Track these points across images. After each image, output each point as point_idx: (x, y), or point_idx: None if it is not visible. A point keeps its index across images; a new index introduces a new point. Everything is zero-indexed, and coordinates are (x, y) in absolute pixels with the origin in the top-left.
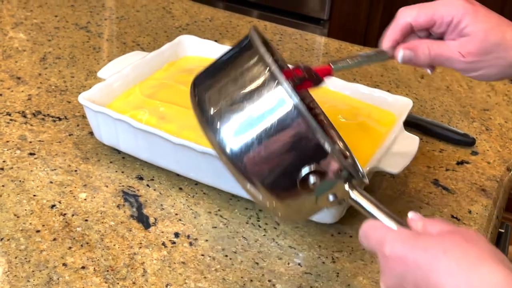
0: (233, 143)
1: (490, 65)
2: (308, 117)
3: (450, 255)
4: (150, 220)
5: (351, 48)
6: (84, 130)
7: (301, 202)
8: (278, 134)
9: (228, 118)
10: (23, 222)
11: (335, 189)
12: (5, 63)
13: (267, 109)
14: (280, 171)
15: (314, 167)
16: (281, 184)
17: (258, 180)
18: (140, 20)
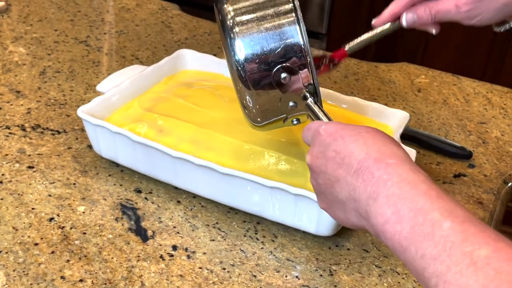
0: (244, 41)
1: (485, 10)
2: (305, 34)
3: (371, 135)
4: (148, 233)
5: (348, 62)
6: (83, 143)
7: (269, 98)
8: (277, 35)
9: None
10: (22, 235)
11: (297, 94)
12: (4, 77)
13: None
14: (265, 61)
15: (290, 65)
16: (262, 71)
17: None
18: (139, 34)
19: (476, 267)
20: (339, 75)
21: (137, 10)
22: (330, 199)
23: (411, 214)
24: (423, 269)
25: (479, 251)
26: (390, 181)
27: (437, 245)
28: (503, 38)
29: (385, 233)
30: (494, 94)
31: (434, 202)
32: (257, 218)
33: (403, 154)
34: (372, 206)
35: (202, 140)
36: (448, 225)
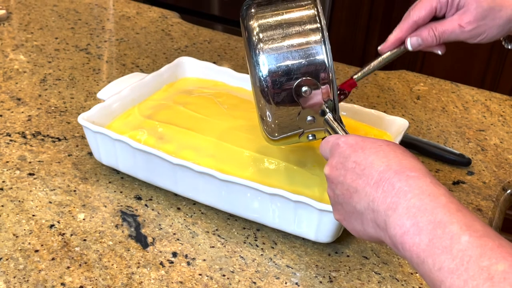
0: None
1: (489, 27)
2: (329, 52)
3: (391, 148)
4: (148, 239)
5: (348, 70)
6: (83, 150)
7: (288, 112)
8: (303, 52)
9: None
10: (22, 242)
11: (316, 109)
12: (5, 84)
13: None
14: (288, 74)
15: (312, 79)
16: (284, 83)
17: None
18: (139, 42)
19: (492, 282)
20: (338, 83)
21: (137, 18)
22: (347, 210)
23: (430, 226)
24: (440, 282)
25: (496, 266)
26: (410, 192)
27: (454, 259)
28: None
29: (403, 245)
30: (492, 101)
31: (453, 215)
32: (257, 225)
33: (423, 168)
34: (391, 217)
35: (202, 147)
36: (466, 239)
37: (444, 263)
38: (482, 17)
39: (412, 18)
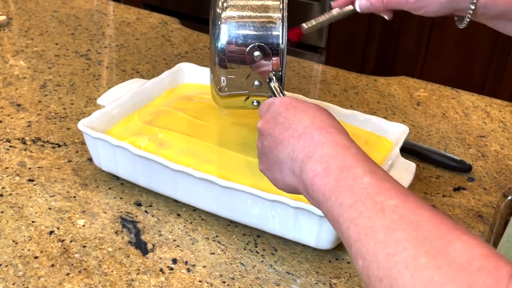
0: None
1: (431, 2)
2: (285, 27)
3: (319, 110)
4: (148, 246)
5: (348, 76)
6: (83, 156)
7: (239, 72)
8: (262, 23)
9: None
10: (21, 248)
11: (264, 76)
12: (5, 90)
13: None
14: (245, 38)
15: (265, 47)
16: (240, 45)
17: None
18: (139, 48)
19: (384, 213)
20: (338, 89)
21: (138, 24)
22: (271, 160)
23: (338, 170)
24: (339, 216)
25: (389, 201)
26: (326, 144)
27: (354, 196)
28: (502, 52)
29: (312, 186)
30: (493, 107)
31: (360, 162)
32: (257, 231)
33: (343, 129)
34: (306, 163)
35: (202, 153)
36: (367, 180)
37: (345, 199)
38: None
39: None
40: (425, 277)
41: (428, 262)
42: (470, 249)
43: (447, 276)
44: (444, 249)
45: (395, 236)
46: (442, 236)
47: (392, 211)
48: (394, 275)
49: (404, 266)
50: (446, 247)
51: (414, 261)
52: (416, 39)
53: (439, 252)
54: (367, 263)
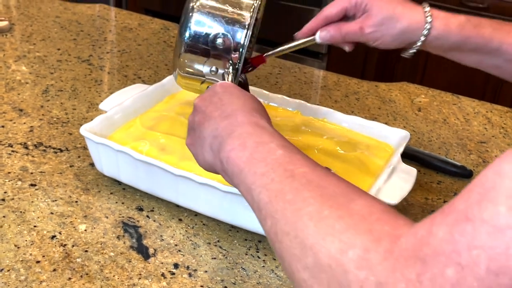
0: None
1: (385, 34)
2: (250, 31)
3: (253, 100)
4: (149, 251)
5: (349, 81)
6: (85, 161)
7: (200, 53)
8: (230, 18)
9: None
10: (23, 253)
11: (221, 64)
12: (7, 95)
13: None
14: (211, 25)
15: (230, 37)
16: (206, 29)
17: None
18: (141, 53)
19: (293, 178)
20: (339, 94)
21: (139, 30)
22: (196, 135)
23: (254, 144)
24: (251, 183)
25: (299, 169)
26: (248, 124)
27: (267, 165)
28: None
29: (228, 159)
30: (494, 113)
31: (275, 138)
32: (259, 236)
33: (268, 118)
34: (226, 140)
35: None
36: (280, 152)
37: (258, 169)
38: (380, 23)
39: (324, 13)
40: (327, 226)
41: (330, 213)
42: (371, 205)
43: (348, 224)
44: (346, 204)
45: (302, 195)
46: (346, 194)
47: (301, 177)
48: (299, 226)
49: (308, 218)
50: (348, 202)
51: (318, 214)
52: None
53: (342, 205)
54: (275, 221)
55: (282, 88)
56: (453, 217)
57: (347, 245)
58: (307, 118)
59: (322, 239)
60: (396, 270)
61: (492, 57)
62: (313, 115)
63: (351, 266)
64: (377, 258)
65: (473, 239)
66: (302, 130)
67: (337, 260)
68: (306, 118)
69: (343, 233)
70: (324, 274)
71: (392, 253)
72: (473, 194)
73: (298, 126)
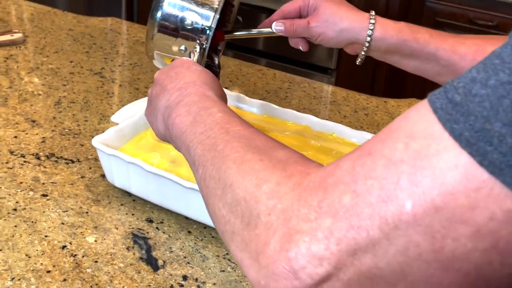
0: None
1: (327, 30)
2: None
3: (208, 74)
4: (159, 262)
5: (358, 97)
6: (96, 172)
7: (170, 32)
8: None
9: None
10: (34, 262)
11: (189, 44)
12: (20, 106)
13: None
14: (182, 6)
15: (199, 18)
16: (176, 10)
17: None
18: (152, 66)
19: (227, 134)
20: (349, 110)
21: None
22: (153, 107)
23: (197, 110)
24: (190, 141)
25: (234, 127)
26: (195, 94)
27: (206, 125)
28: None
29: (173, 125)
30: None
31: (217, 104)
32: None
33: (219, 91)
34: (174, 108)
35: None
36: (220, 115)
37: (198, 129)
38: (324, 20)
39: (282, 9)
40: (248, 167)
41: (252, 157)
42: (292, 154)
43: (266, 165)
44: (268, 151)
45: (232, 145)
46: (271, 147)
47: (234, 133)
48: (223, 169)
49: (233, 161)
50: (271, 151)
51: (241, 158)
52: None
53: (265, 152)
54: (205, 169)
55: (291, 102)
56: (357, 152)
57: (262, 180)
58: (316, 133)
59: (241, 177)
60: (301, 198)
61: (430, 62)
62: (322, 130)
63: (263, 197)
64: (286, 189)
65: (370, 170)
66: (311, 144)
67: (252, 193)
68: (316, 132)
69: (260, 171)
70: (239, 206)
71: (301, 185)
72: (380, 134)
73: (308, 140)
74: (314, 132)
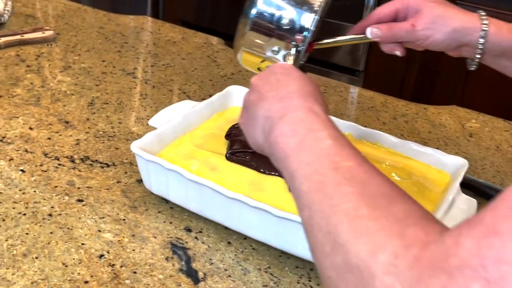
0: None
1: (437, 32)
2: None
3: (312, 84)
4: (199, 275)
5: (396, 103)
6: (132, 177)
7: (264, 30)
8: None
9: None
10: (71, 272)
11: (284, 45)
12: (53, 106)
13: None
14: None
15: (297, 18)
16: (274, 7)
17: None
18: (185, 68)
19: (337, 171)
20: (387, 116)
21: (183, 44)
22: (250, 115)
23: (304, 132)
24: (295, 171)
25: (345, 162)
26: (301, 109)
27: (313, 155)
28: None
29: (276, 144)
30: None
31: (327, 128)
32: (310, 264)
33: (325, 104)
34: (276, 123)
35: (256, 180)
36: (329, 143)
37: (303, 157)
38: (431, 21)
39: (376, 13)
40: (361, 225)
41: (367, 213)
42: (411, 210)
43: (382, 226)
44: (386, 205)
45: (343, 190)
46: (388, 196)
47: (345, 171)
48: (333, 222)
49: (344, 215)
50: (388, 204)
51: (355, 211)
52: (457, 65)
53: (381, 206)
54: (312, 213)
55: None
56: (480, 229)
57: (378, 248)
58: (359, 142)
59: (354, 238)
60: (421, 280)
61: None
62: (365, 139)
63: (379, 270)
64: (404, 265)
65: (501, 253)
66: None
67: (366, 263)
68: (359, 141)
69: (376, 234)
70: (351, 275)
71: (420, 261)
72: (501, 208)
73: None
74: (357, 140)
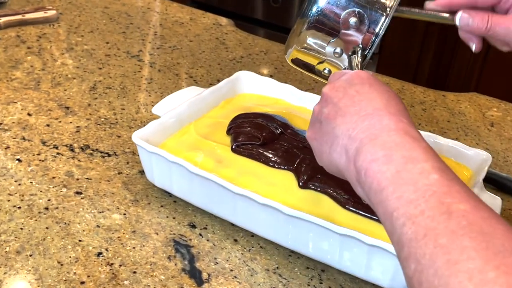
0: None
1: None
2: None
3: (396, 97)
4: (203, 275)
5: (414, 89)
6: (134, 168)
7: (327, 30)
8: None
9: None
10: (67, 271)
11: (349, 46)
12: (53, 91)
13: None
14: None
15: (366, 19)
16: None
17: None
18: (193, 50)
19: (450, 216)
20: (405, 104)
21: (191, 25)
22: (324, 130)
23: (402, 160)
24: (394, 209)
25: (458, 205)
26: (395, 131)
27: (417, 191)
28: None
29: (367, 171)
30: None
31: (430, 157)
32: (321, 265)
33: (411, 121)
34: (366, 145)
35: (264, 174)
36: (435, 177)
37: (405, 193)
38: None
39: None
40: None
41: (497, 278)
42: None
43: None
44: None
45: (461, 243)
46: None
47: (460, 216)
48: (453, 285)
49: (467, 277)
50: None
51: (481, 274)
52: (473, 52)
53: (508, 265)
54: (421, 267)
55: None
56: None
57: None
58: None
59: None
60: None
61: None
62: None
63: None
64: None
65: None
66: None
67: None
68: None
69: None
70: None
71: None
72: None
73: None
74: None
